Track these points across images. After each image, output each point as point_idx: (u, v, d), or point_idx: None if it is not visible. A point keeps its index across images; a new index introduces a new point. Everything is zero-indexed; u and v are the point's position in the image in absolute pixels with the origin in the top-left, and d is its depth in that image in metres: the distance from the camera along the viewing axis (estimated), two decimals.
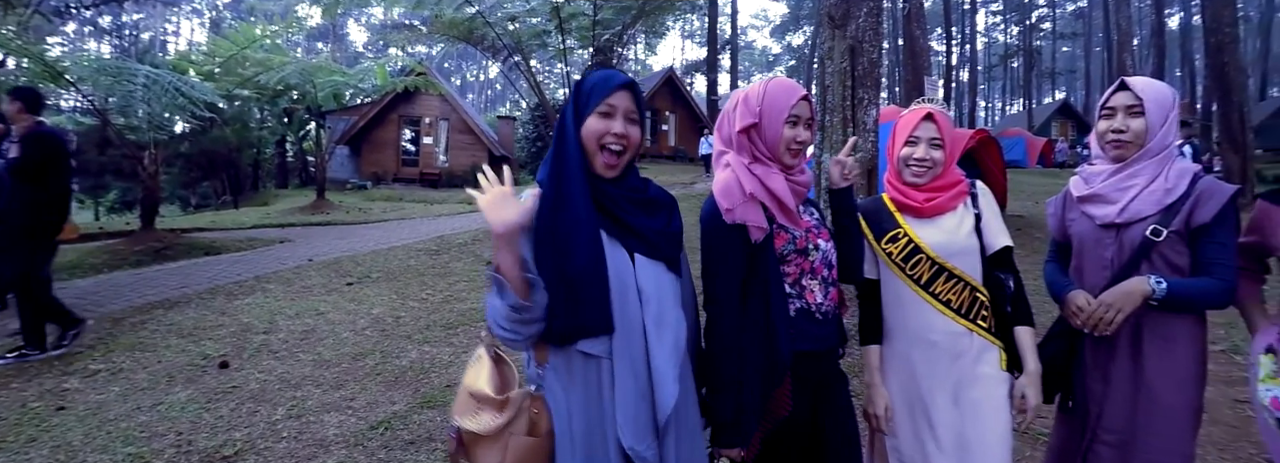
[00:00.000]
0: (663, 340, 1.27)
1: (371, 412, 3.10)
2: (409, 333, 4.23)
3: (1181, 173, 1.47)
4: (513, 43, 8.40)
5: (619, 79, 1.32)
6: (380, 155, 19.04)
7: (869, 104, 3.42)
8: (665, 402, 1.24)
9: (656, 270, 1.30)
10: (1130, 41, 16.37)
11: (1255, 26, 32.51)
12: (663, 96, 25.50)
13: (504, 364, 1.32)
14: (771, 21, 63.00)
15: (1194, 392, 1.47)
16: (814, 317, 1.46)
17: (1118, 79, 1.57)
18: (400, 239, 7.74)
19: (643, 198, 1.35)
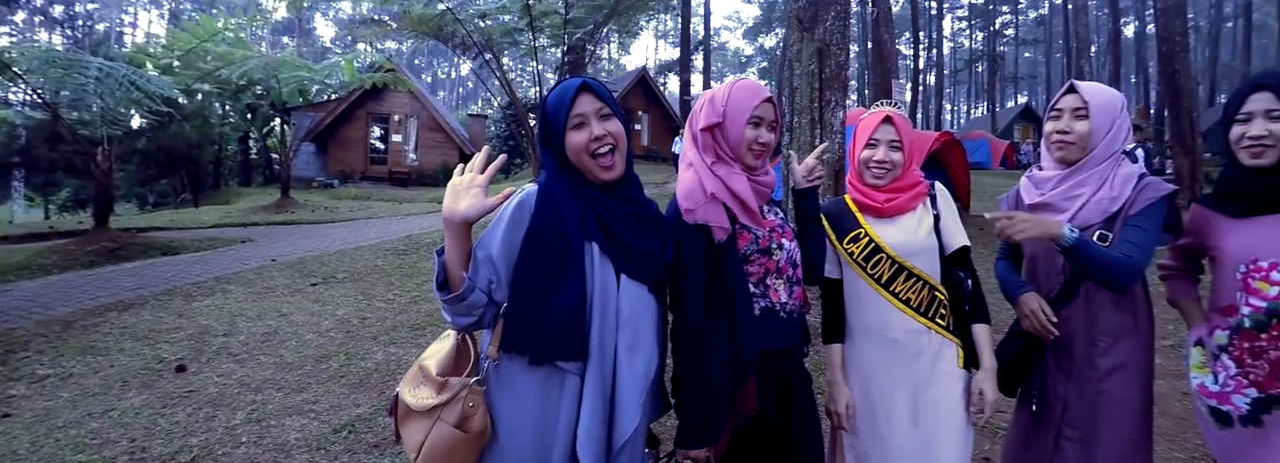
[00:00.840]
0: (633, 367, 1.26)
1: (335, 415, 3.04)
2: (375, 334, 4.16)
3: (1126, 179, 1.52)
4: (483, 40, 8.29)
5: (572, 86, 1.30)
6: (347, 153, 18.67)
7: (836, 106, 3.48)
8: (625, 427, 1.24)
9: (639, 293, 1.29)
10: (1088, 48, 16.95)
11: (1205, 36, 33.87)
12: (636, 96, 25.49)
13: (464, 350, 1.29)
14: (744, 23, 63.49)
15: (1144, 384, 1.53)
16: (778, 316, 1.47)
17: (1068, 82, 1.62)
18: (367, 239, 7.60)
19: (645, 215, 1.34)
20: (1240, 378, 1.41)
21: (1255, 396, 1.38)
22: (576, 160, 1.28)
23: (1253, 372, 1.39)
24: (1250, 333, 1.39)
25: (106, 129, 7.60)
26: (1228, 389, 1.43)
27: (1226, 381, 1.44)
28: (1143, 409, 1.53)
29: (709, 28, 35.11)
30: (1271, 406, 1.36)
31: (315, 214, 11.23)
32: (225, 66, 10.53)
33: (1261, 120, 1.37)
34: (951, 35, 50.51)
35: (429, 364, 1.25)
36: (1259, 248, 1.38)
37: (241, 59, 10.67)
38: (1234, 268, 1.43)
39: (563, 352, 1.21)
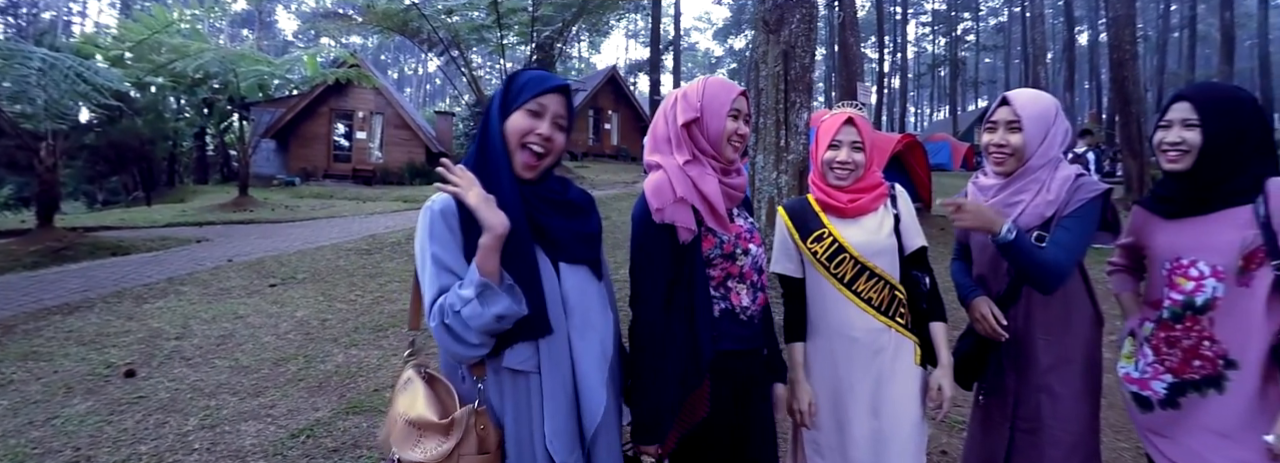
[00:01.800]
0: (589, 348, 1.26)
1: (293, 419, 2.96)
2: (335, 336, 4.07)
3: (1063, 182, 1.58)
4: (450, 37, 8.18)
5: (554, 81, 1.28)
6: (310, 150, 18.19)
7: (801, 107, 3.53)
8: (593, 411, 1.24)
9: (580, 277, 1.30)
10: (1044, 55, 17.52)
11: (1153, 45, 35.34)
12: (606, 95, 25.45)
13: (438, 384, 1.24)
14: (714, 24, 63.95)
15: (1089, 378, 1.60)
16: (738, 318, 1.48)
17: (1000, 95, 1.67)
18: (329, 238, 7.43)
19: (562, 200, 1.33)
20: (1157, 365, 1.50)
21: (1171, 381, 1.47)
22: (509, 139, 1.26)
23: (1168, 359, 1.48)
24: (1167, 324, 1.48)
25: (51, 123, 7.26)
26: (1146, 376, 1.52)
27: (1145, 368, 1.52)
28: (1088, 402, 1.59)
29: (679, 28, 35.25)
30: (1187, 389, 1.44)
31: (275, 213, 10.92)
32: (180, 59, 10.14)
33: (1178, 128, 1.45)
34: (915, 40, 51.71)
35: (419, 415, 1.17)
36: (1181, 246, 1.47)
37: (197, 52, 10.29)
38: (1161, 265, 1.51)
39: (529, 329, 1.19)
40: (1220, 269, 1.40)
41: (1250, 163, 1.41)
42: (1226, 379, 1.39)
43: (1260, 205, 1.37)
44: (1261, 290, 1.36)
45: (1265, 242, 1.35)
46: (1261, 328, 1.36)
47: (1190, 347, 1.44)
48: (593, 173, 18.96)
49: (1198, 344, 1.43)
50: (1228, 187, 1.41)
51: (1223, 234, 1.40)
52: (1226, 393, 1.39)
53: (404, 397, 1.22)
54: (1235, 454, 1.35)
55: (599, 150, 25.14)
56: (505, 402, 1.22)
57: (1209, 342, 1.42)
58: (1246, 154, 1.41)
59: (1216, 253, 1.41)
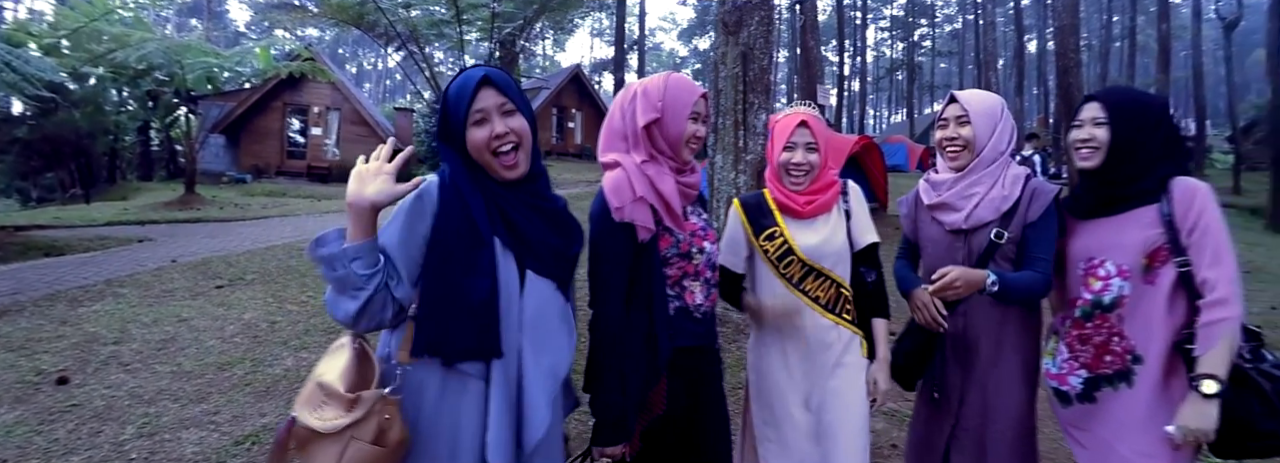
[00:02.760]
0: (540, 366, 1.23)
1: (237, 426, 2.86)
2: (285, 339, 3.94)
3: (1015, 179, 1.64)
4: (408, 31, 7.99)
5: (473, 78, 1.24)
6: (262, 146, 17.61)
7: (759, 108, 3.58)
8: (534, 430, 1.21)
9: (545, 290, 1.26)
10: (995, 62, 18.17)
11: (1097, 53, 36.98)
12: (570, 94, 25.33)
13: (366, 360, 1.20)
14: (679, 25, 64.25)
15: (1030, 373, 1.66)
16: (692, 316, 1.51)
17: (949, 93, 1.74)
18: (281, 237, 7.20)
19: (550, 208, 1.30)
20: (1073, 361, 1.57)
21: (1086, 376, 1.54)
22: (478, 158, 1.24)
23: (1081, 355, 1.55)
24: (1080, 322, 1.55)
25: None
26: (1063, 371, 1.59)
27: (1062, 364, 1.59)
28: (1027, 395, 1.65)
29: (644, 28, 35.33)
30: (1101, 384, 1.51)
31: (224, 212, 10.53)
32: (121, 49, 9.66)
33: (1089, 126, 1.52)
34: (875, 45, 52.90)
35: (330, 381, 1.14)
36: (1092, 246, 1.54)
37: (139, 41, 9.81)
38: (1076, 264, 1.58)
39: (479, 350, 1.17)
40: (1125, 268, 1.47)
41: (1157, 164, 1.47)
42: (1134, 374, 1.46)
43: (1165, 205, 1.44)
44: (1164, 288, 1.43)
45: (1168, 240, 1.42)
46: (1163, 324, 1.43)
47: (1101, 343, 1.51)
48: (556, 172, 18.85)
49: (1108, 341, 1.50)
50: (1135, 187, 1.48)
51: (1129, 234, 1.47)
52: (1134, 387, 1.46)
53: (328, 360, 1.21)
54: (1141, 444, 1.42)
55: (562, 149, 25.00)
56: (439, 396, 1.19)
57: (1118, 338, 1.49)
58: (1153, 155, 1.48)
59: (1123, 252, 1.48)
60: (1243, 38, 36.57)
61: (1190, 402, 1.35)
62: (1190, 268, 1.40)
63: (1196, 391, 1.34)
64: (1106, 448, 1.49)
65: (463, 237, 1.18)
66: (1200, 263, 1.39)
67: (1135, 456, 1.43)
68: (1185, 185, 1.44)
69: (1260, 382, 1.35)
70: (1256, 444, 1.37)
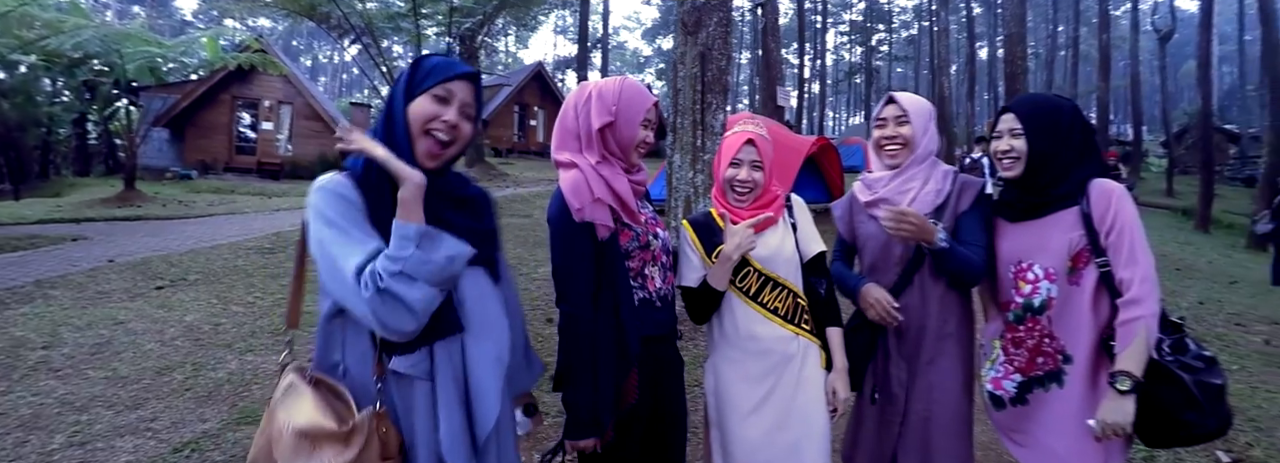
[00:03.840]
0: (484, 354, 1.21)
1: (176, 433, 2.74)
2: (229, 342, 3.79)
3: (944, 174, 1.71)
4: (362, 24, 7.75)
5: (463, 67, 1.24)
6: (208, 141, 16.88)
7: (717, 108, 3.61)
8: (486, 420, 1.19)
9: (477, 278, 1.25)
10: (948, 68, 18.74)
11: (1043, 62, 38.53)
12: (532, 91, 25.10)
13: (326, 387, 1.14)
14: (643, 24, 64.33)
15: (968, 366, 1.71)
16: (654, 305, 1.55)
17: (885, 95, 1.78)
18: (228, 236, 6.94)
19: (462, 195, 1.29)
20: (1007, 365, 1.62)
21: (1020, 379, 1.59)
22: (413, 127, 1.19)
23: (1016, 359, 1.60)
24: (1013, 326, 1.60)
25: None
26: (1000, 375, 1.64)
27: (999, 367, 1.65)
28: (967, 391, 1.70)
29: (608, 26, 35.25)
30: (1033, 386, 1.57)
31: (167, 209, 10.08)
32: (53, 36, 9.14)
33: (1007, 137, 1.58)
34: (834, 48, 53.94)
35: (317, 422, 1.05)
36: (1020, 250, 1.59)
37: (74, 28, 9.29)
38: (1007, 268, 1.63)
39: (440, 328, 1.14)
40: (1052, 271, 1.53)
41: (1075, 167, 1.54)
42: (1064, 373, 1.52)
43: (1084, 206, 1.50)
44: (1088, 288, 1.49)
45: (1089, 242, 1.48)
46: (1089, 323, 1.49)
47: (1034, 346, 1.57)
48: (517, 170, 18.64)
49: (1040, 343, 1.56)
50: (1057, 191, 1.54)
51: (1053, 237, 1.53)
52: (1065, 386, 1.52)
53: (288, 405, 1.09)
54: (1075, 440, 1.48)
55: (524, 147, 24.76)
56: (397, 407, 1.16)
57: (1049, 339, 1.55)
58: (1070, 158, 1.54)
59: (1048, 255, 1.53)
60: (1176, 49, 38.70)
61: (1109, 398, 1.42)
62: (1110, 267, 1.46)
63: (1113, 386, 1.40)
64: (1043, 447, 1.54)
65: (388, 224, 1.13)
66: (1117, 263, 1.45)
67: (1071, 453, 1.48)
68: (1102, 187, 1.50)
69: (1181, 375, 1.41)
70: (1182, 433, 1.44)
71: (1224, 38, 42.85)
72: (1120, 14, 36.81)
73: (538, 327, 4.20)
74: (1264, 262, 9.47)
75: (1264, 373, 4.09)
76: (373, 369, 1.14)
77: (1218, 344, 4.68)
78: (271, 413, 1.12)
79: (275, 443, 1.08)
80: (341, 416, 1.08)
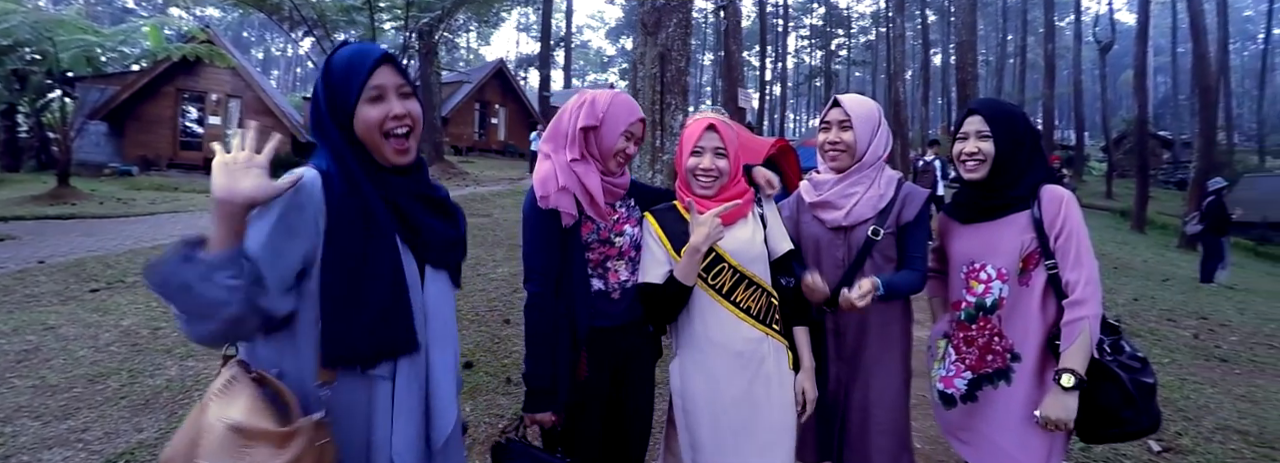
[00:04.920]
0: (444, 359, 1.21)
1: (109, 444, 2.60)
2: (169, 346, 3.62)
3: (889, 180, 1.72)
4: (314, 16, 7.49)
5: (374, 54, 1.17)
6: (151, 136, 16.13)
7: (676, 109, 3.62)
8: (444, 424, 1.19)
9: (441, 282, 1.24)
10: (903, 73, 19.26)
11: (993, 69, 39.99)
12: (493, 89, 24.78)
13: (269, 386, 1.08)
14: (607, 23, 64.24)
15: (906, 363, 1.74)
16: (609, 296, 1.60)
17: (832, 97, 1.78)
18: (170, 236, 6.65)
19: (436, 197, 1.26)
20: (959, 364, 1.66)
21: (970, 377, 1.63)
22: (367, 138, 1.15)
23: (967, 357, 1.64)
24: (964, 325, 1.64)
25: None
26: (951, 374, 1.68)
27: (950, 366, 1.69)
28: (904, 388, 1.73)
29: (571, 25, 35.08)
30: (983, 383, 1.61)
31: (105, 207, 9.59)
32: None
33: (974, 139, 1.60)
34: (795, 52, 54.84)
35: (247, 421, 0.99)
36: (973, 250, 1.63)
37: (1, 13, 8.76)
38: (959, 268, 1.66)
39: (397, 347, 1.11)
40: (1004, 271, 1.58)
41: (1027, 171, 1.59)
42: (1012, 372, 1.57)
43: (1036, 210, 1.55)
44: (1037, 288, 1.54)
45: (1039, 244, 1.53)
46: (1038, 322, 1.54)
47: (984, 344, 1.61)
48: (478, 168, 18.38)
49: (990, 341, 1.60)
50: (1012, 193, 1.58)
51: (1006, 239, 1.57)
52: (1013, 384, 1.56)
53: (222, 400, 1.03)
54: (1021, 437, 1.53)
55: (485, 145, 24.44)
56: (355, 407, 1.12)
57: (999, 338, 1.59)
58: (1024, 163, 1.59)
59: (1001, 256, 1.58)
60: (1115, 60, 40.67)
61: (1052, 394, 1.47)
62: (1058, 270, 1.51)
63: (1057, 383, 1.45)
64: (990, 443, 1.58)
65: (363, 231, 1.10)
66: (1064, 265, 1.51)
67: (1016, 449, 1.53)
68: (1052, 192, 1.55)
69: (1119, 373, 1.48)
70: (1117, 430, 1.51)
71: (1159, 50, 45.29)
72: (1064, 25, 38.51)
73: (495, 328, 4.14)
74: (1194, 260, 10.03)
75: (1192, 365, 4.33)
76: (315, 374, 1.09)
77: (1150, 338, 4.93)
78: (205, 406, 1.05)
79: (203, 436, 1.01)
80: (281, 418, 1.03)
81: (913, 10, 30.23)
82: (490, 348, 3.80)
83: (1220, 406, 3.47)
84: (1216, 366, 4.39)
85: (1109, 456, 2.72)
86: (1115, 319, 1.57)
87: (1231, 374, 4.20)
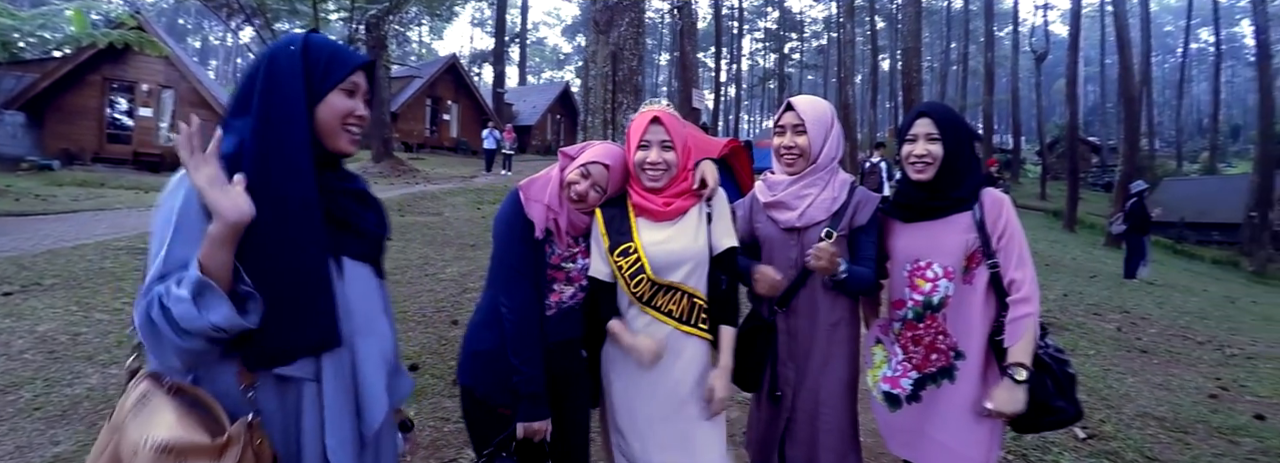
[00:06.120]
0: (371, 352, 1.18)
1: (21, 458, 2.43)
2: (90, 353, 3.40)
3: (842, 183, 1.75)
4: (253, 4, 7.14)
5: (361, 56, 1.22)
6: (74, 128, 15.13)
7: (628, 108, 3.62)
8: (374, 419, 1.16)
9: (364, 274, 1.21)
10: (853, 77, 19.80)
11: (937, 75, 41.60)
12: (445, 85, 24.29)
13: (188, 396, 1.02)
14: (564, 21, 63.77)
15: (855, 364, 1.76)
16: (544, 314, 1.60)
17: (785, 100, 1.80)
18: (94, 235, 6.25)
19: (360, 190, 1.24)
20: (905, 363, 1.69)
21: (916, 377, 1.67)
22: (328, 124, 1.14)
23: (913, 356, 1.67)
24: (912, 323, 1.67)
25: None
26: (897, 374, 1.71)
27: (896, 366, 1.71)
28: (852, 387, 1.76)
29: (526, 21, 34.70)
30: (927, 382, 1.65)
31: (21, 204, 8.95)
32: None
33: (923, 142, 1.63)
34: (750, 54, 55.68)
35: (176, 438, 0.94)
36: (919, 249, 1.66)
37: None
38: (902, 266, 1.70)
39: (321, 344, 1.09)
40: (949, 269, 1.62)
41: (969, 173, 1.64)
42: (956, 369, 1.61)
43: (977, 212, 1.60)
44: (980, 287, 1.59)
45: (981, 244, 1.58)
46: (981, 320, 1.59)
47: (930, 343, 1.65)
48: (429, 166, 17.95)
49: (935, 340, 1.64)
50: (955, 194, 1.63)
51: (950, 238, 1.62)
52: (956, 382, 1.60)
53: (143, 419, 0.97)
54: (962, 434, 1.57)
55: (437, 142, 23.96)
56: (282, 411, 1.09)
57: (943, 336, 1.63)
58: (966, 165, 1.64)
59: (946, 255, 1.62)
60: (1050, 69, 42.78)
61: (1004, 387, 1.52)
62: (999, 269, 1.57)
63: (1010, 377, 1.51)
64: (933, 442, 1.61)
65: (288, 219, 1.06)
66: (1008, 265, 1.56)
67: (959, 445, 1.57)
68: (993, 195, 1.62)
69: (1053, 366, 1.55)
70: (1050, 419, 1.57)
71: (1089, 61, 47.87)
72: (1004, 35, 40.30)
73: (442, 329, 4.05)
74: (1119, 258, 10.66)
75: (1115, 356, 4.59)
76: (239, 377, 1.05)
77: (1079, 332, 5.20)
78: (118, 428, 0.99)
79: (124, 460, 0.95)
80: (211, 427, 0.98)
81: (862, 17, 31.11)
82: (437, 350, 3.71)
83: (1140, 394, 3.69)
84: (1137, 356, 4.67)
85: (1039, 443, 2.85)
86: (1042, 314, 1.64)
87: (1150, 364, 4.48)
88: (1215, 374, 4.29)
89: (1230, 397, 3.79)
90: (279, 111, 1.09)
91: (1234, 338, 5.70)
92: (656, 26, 45.25)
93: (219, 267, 0.98)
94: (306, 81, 1.11)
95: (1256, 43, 18.81)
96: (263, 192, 1.04)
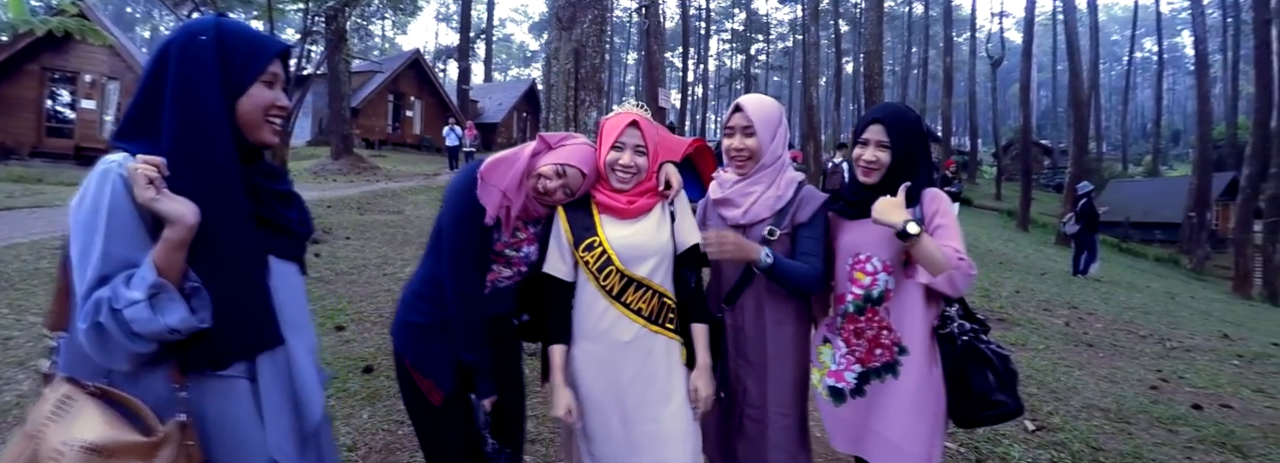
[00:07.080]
0: (302, 346, 1.18)
1: None
2: (22, 358, 3.23)
3: (789, 182, 1.76)
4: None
5: (280, 41, 1.17)
6: (11, 120, 14.35)
7: (590, 106, 3.60)
8: (314, 411, 1.17)
9: (290, 272, 1.20)
10: (817, 79, 20.10)
11: (898, 78, 42.62)
12: (409, 80, 23.85)
13: (112, 398, 1.00)
14: (531, 17, 63.27)
15: (802, 366, 1.78)
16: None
17: (734, 101, 1.81)
18: (29, 234, 5.94)
19: (284, 189, 1.22)
20: (849, 356, 1.70)
21: (860, 370, 1.68)
22: (251, 118, 1.11)
23: (856, 349, 1.68)
24: (853, 316, 1.68)
25: None
26: (841, 367, 1.72)
27: (840, 359, 1.72)
28: (801, 385, 1.78)
29: (492, 17, 34.31)
30: (871, 377, 1.67)
31: None
32: None
33: (873, 148, 1.66)
34: (717, 55, 56.13)
35: (104, 438, 0.93)
36: (860, 243, 1.69)
37: None
38: (844, 260, 1.71)
39: (260, 343, 1.09)
40: (889, 263, 1.64)
41: (914, 177, 1.66)
42: (899, 365, 1.63)
43: (918, 210, 1.63)
44: (920, 280, 1.59)
45: None
46: (922, 314, 1.62)
47: (873, 337, 1.66)
48: (391, 163, 17.59)
49: (878, 334, 1.66)
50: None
51: (889, 231, 1.62)
52: (900, 377, 1.62)
53: (65, 423, 0.95)
54: (906, 428, 1.58)
55: (399, 139, 23.51)
56: (223, 412, 1.07)
57: (887, 331, 1.65)
58: (913, 170, 1.67)
59: (886, 248, 1.64)
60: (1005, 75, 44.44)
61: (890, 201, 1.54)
62: None
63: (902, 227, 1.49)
64: (876, 436, 1.63)
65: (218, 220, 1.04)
66: (942, 240, 1.56)
67: (901, 440, 1.59)
68: (932, 194, 1.66)
69: (994, 360, 1.58)
70: (990, 414, 1.60)
71: (1042, 67, 49.78)
72: (962, 40, 41.49)
73: None
74: (1068, 256, 11.09)
75: (1063, 350, 4.76)
76: (170, 377, 1.03)
77: (1029, 327, 5.37)
78: (35, 435, 0.95)
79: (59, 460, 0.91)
80: (140, 428, 0.97)
81: (827, 20, 31.66)
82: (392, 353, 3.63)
83: (1086, 386, 3.83)
84: (1084, 350, 4.86)
85: (990, 436, 2.93)
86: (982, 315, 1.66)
87: (1096, 358, 4.65)
88: (1156, 367, 4.49)
89: (1170, 388, 3.97)
90: (200, 111, 1.05)
91: (1174, 332, 5.97)
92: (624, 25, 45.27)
93: (173, 268, 0.98)
94: (224, 75, 1.07)
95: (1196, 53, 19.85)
96: (192, 195, 1.01)
